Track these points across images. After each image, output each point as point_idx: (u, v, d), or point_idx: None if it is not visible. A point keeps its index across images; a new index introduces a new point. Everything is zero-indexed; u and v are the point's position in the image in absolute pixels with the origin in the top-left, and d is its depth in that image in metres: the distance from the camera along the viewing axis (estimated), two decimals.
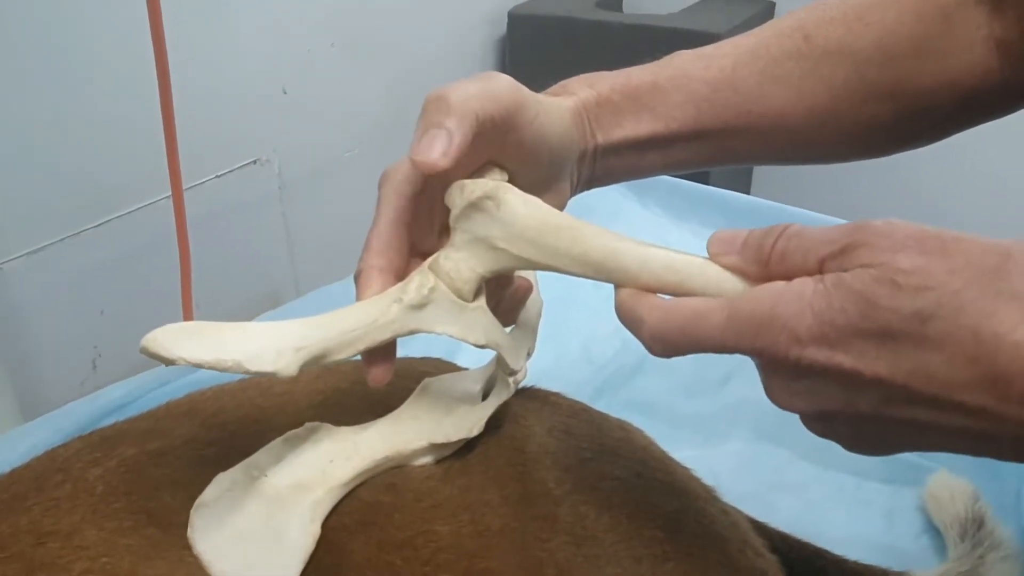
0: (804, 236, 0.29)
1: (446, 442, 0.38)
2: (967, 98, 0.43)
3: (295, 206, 1.23)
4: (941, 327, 0.26)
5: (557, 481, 0.38)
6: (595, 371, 0.69)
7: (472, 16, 1.51)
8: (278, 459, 0.36)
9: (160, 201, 1.02)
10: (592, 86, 0.42)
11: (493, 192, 0.35)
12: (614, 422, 0.44)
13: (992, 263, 0.26)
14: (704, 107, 0.42)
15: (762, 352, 0.29)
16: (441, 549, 0.35)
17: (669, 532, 0.38)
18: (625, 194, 0.96)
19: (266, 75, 1.15)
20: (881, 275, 0.26)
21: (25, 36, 0.86)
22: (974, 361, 0.26)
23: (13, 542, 0.32)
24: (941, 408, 0.27)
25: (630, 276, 0.33)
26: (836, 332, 0.27)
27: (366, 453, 0.37)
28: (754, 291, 0.29)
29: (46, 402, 0.93)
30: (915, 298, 0.26)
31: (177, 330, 0.32)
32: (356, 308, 0.36)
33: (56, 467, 0.36)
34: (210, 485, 0.35)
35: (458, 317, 0.36)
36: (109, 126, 0.96)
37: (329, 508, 0.36)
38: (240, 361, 0.32)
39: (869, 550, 0.52)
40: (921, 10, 0.42)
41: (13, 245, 0.90)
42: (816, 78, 0.42)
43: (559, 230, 0.34)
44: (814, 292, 0.27)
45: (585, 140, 0.42)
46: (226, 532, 0.34)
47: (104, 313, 0.99)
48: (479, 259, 0.36)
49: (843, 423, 0.29)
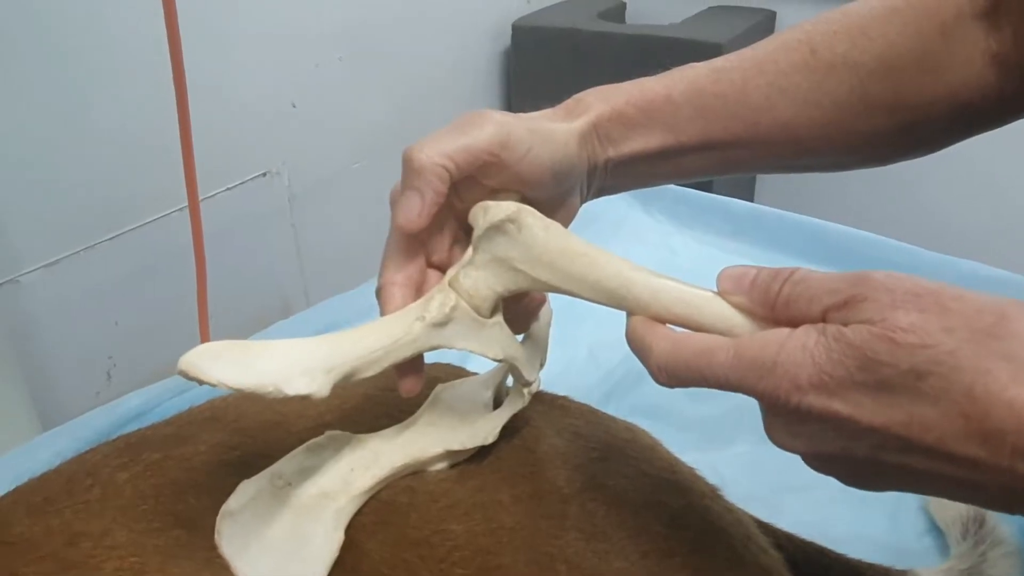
0: (808, 284, 0.30)
1: (461, 449, 0.40)
2: (965, 110, 0.43)
3: (304, 217, 1.25)
4: (936, 384, 0.27)
5: (567, 480, 0.39)
6: (603, 376, 0.70)
7: (477, 29, 1.52)
8: (300, 468, 0.38)
9: (172, 214, 1.04)
10: (607, 100, 0.43)
11: (515, 216, 0.36)
12: (621, 424, 0.45)
13: (987, 323, 0.27)
14: (714, 120, 0.43)
15: (764, 396, 0.30)
16: (456, 547, 0.36)
17: (675, 528, 0.39)
18: (630, 202, 0.97)
19: (275, 89, 1.17)
20: (880, 332, 0.28)
21: (42, 51, 0.88)
22: (967, 417, 0.27)
23: (46, 542, 0.33)
24: (935, 458, 0.28)
25: (642, 306, 0.34)
26: (835, 382, 0.28)
27: (385, 462, 0.39)
28: (760, 336, 0.30)
29: (62, 411, 0.95)
30: (912, 355, 0.27)
31: (211, 353, 0.33)
32: (380, 325, 0.37)
33: (85, 471, 0.37)
34: (235, 493, 0.36)
35: (478, 333, 0.38)
36: (123, 141, 0.97)
37: (351, 515, 0.37)
38: (279, 386, 0.33)
39: (873, 549, 0.53)
40: (921, 25, 0.43)
41: (31, 258, 0.91)
42: (822, 91, 0.43)
43: (576, 256, 0.36)
44: (816, 343, 0.29)
45: (595, 156, 0.43)
46: (253, 540, 0.35)
47: (119, 324, 1.01)
48: (498, 278, 0.37)
49: (840, 464, 0.31)
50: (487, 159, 0.38)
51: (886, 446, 0.28)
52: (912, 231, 1.00)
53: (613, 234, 0.91)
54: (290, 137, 1.20)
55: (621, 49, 1.44)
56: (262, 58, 1.13)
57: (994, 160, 1.46)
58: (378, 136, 1.32)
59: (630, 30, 1.50)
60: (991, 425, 0.26)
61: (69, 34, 0.90)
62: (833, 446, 0.30)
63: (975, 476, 0.28)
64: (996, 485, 0.28)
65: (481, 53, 1.55)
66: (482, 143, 0.37)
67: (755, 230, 0.92)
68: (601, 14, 1.57)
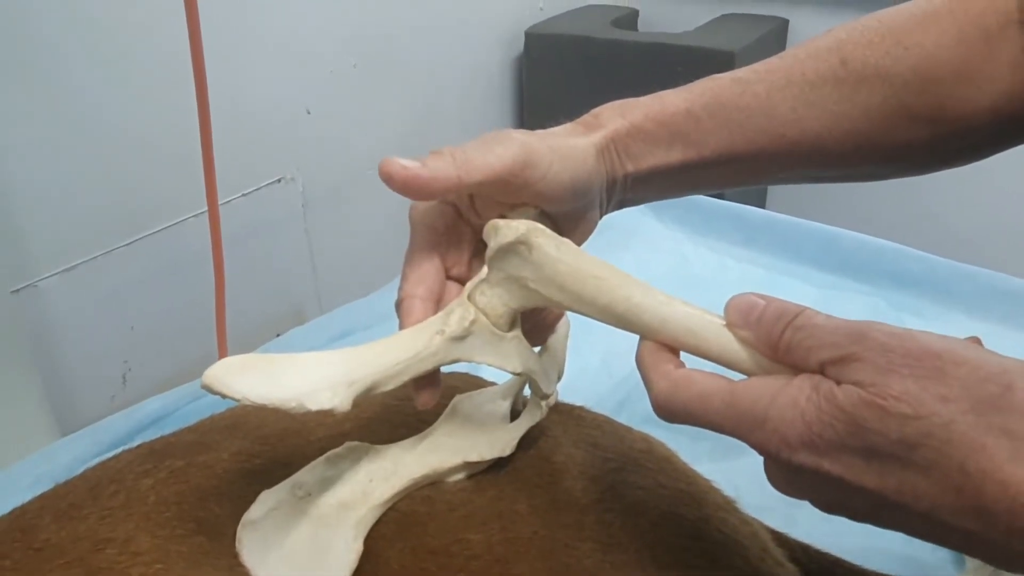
0: (809, 332, 0.30)
1: (480, 460, 0.40)
2: (1008, 121, 0.42)
3: (318, 223, 1.26)
4: (928, 455, 0.26)
5: (584, 490, 0.39)
6: (615, 385, 0.70)
7: (490, 36, 1.53)
8: (320, 478, 0.38)
9: (188, 220, 1.05)
10: (624, 115, 0.42)
11: (526, 237, 0.36)
12: (637, 435, 0.46)
13: (990, 393, 0.26)
14: (737, 133, 0.42)
15: (756, 447, 0.30)
16: (474, 556, 0.36)
17: (692, 540, 0.39)
18: (643, 210, 0.97)
19: (290, 96, 1.18)
20: (870, 398, 0.27)
21: (62, 57, 0.89)
22: (959, 491, 0.26)
23: (72, 548, 0.34)
24: (930, 523, 0.27)
25: (651, 332, 0.34)
26: (824, 443, 0.28)
27: (404, 472, 0.39)
28: (755, 386, 0.30)
29: (77, 415, 0.96)
30: (902, 425, 0.26)
31: (235, 367, 0.33)
32: (401, 338, 0.37)
33: (109, 478, 0.38)
34: (256, 503, 0.37)
35: (497, 347, 0.38)
36: (140, 147, 0.98)
37: (371, 525, 0.38)
38: (302, 401, 0.33)
39: (887, 561, 0.53)
40: (963, 32, 0.41)
41: (48, 264, 0.92)
42: (852, 103, 0.42)
43: (587, 279, 0.35)
44: (807, 401, 0.28)
45: (614, 171, 0.42)
46: (274, 550, 0.36)
47: (134, 329, 1.02)
48: (512, 295, 0.37)
49: (843, 511, 0.30)
50: (509, 178, 0.37)
51: (882, 505, 0.28)
52: (928, 239, 0.99)
53: (626, 242, 0.92)
54: (305, 144, 1.21)
55: (634, 57, 1.44)
56: (278, 65, 1.14)
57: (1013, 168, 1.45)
58: (392, 143, 1.33)
59: (643, 38, 1.51)
60: (984, 503, 0.25)
61: (90, 42, 0.91)
62: (832, 497, 0.29)
63: (972, 543, 0.27)
64: (993, 553, 0.27)
65: (494, 60, 1.56)
66: (506, 162, 0.37)
67: (768, 237, 0.92)
68: (614, 22, 1.57)
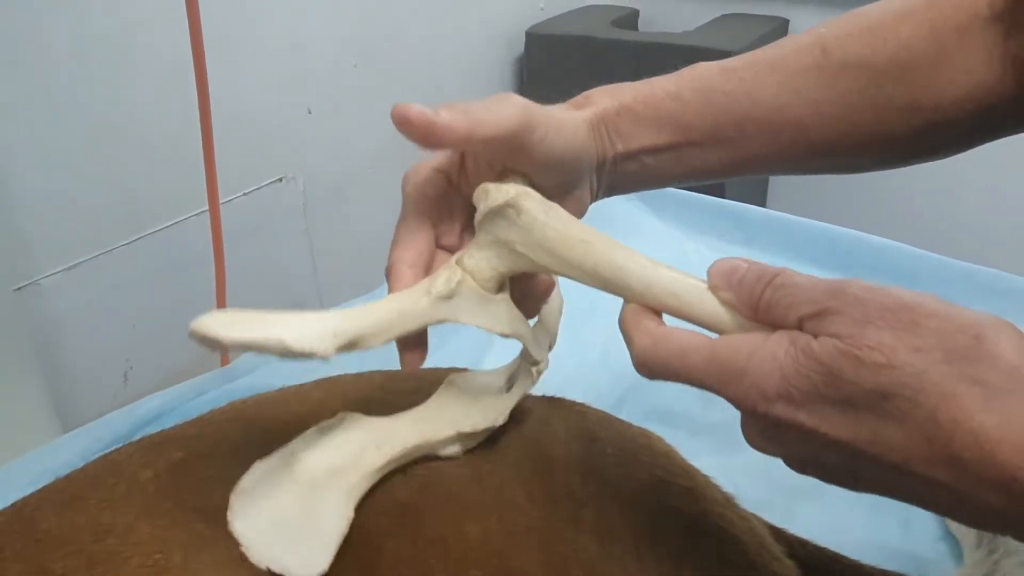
0: (789, 290, 0.30)
1: (473, 431, 0.40)
2: (985, 113, 0.43)
3: (319, 223, 1.26)
4: (900, 405, 0.27)
5: (582, 484, 0.40)
6: (615, 380, 0.71)
7: (491, 36, 1.53)
8: (313, 447, 0.38)
9: (189, 219, 1.05)
10: (614, 96, 0.43)
11: (515, 200, 0.37)
12: (636, 430, 0.46)
13: (962, 344, 0.26)
14: (723, 118, 0.43)
15: (734, 401, 0.30)
16: (472, 547, 0.36)
17: (690, 535, 0.39)
18: (643, 208, 0.97)
19: (291, 95, 1.18)
20: (846, 348, 0.27)
21: (64, 56, 0.89)
22: (931, 441, 0.26)
23: (72, 538, 0.34)
24: (902, 475, 0.28)
25: (635, 295, 0.35)
26: (801, 395, 0.28)
27: (397, 441, 0.39)
28: (734, 341, 0.31)
29: (79, 412, 0.96)
30: (876, 374, 0.27)
31: (223, 316, 0.34)
32: (388, 299, 0.38)
33: (110, 470, 0.38)
34: (248, 472, 0.37)
35: (484, 308, 0.38)
36: (142, 146, 0.99)
37: (363, 493, 0.37)
38: (284, 341, 0.33)
39: (887, 556, 0.53)
40: (936, 25, 0.42)
41: (50, 262, 0.93)
42: (834, 91, 0.43)
43: (574, 242, 0.36)
44: (785, 354, 0.29)
45: (603, 150, 0.43)
46: (264, 516, 0.36)
47: (136, 327, 1.02)
48: (500, 259, 0.38)
49: (815, 469, 0.31)
50: (511, 139, 0.38)
51: (855, 458, 0.28)
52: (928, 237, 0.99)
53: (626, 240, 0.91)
54: (305, 143, 1.21)
55: (634, 57, 1.44)
56: (279, 65, 1.15)
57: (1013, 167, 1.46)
58: (392, 143, 1.32)
59: (643, 37, 1.51)
60: (955, 453, 0.26)
61: (91, 41, 0.91)
62: (805, 452, 0.30)
63: (943, 496, 0.27)
64: (963, 506, 0.27)
65: (495, 60, 1.56)
66: (512, 121, 0.37)
67: (768, 236, 0.92)
68: (614, 22, 1.58)
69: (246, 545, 0.35)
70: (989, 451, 0.26)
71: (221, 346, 0.33)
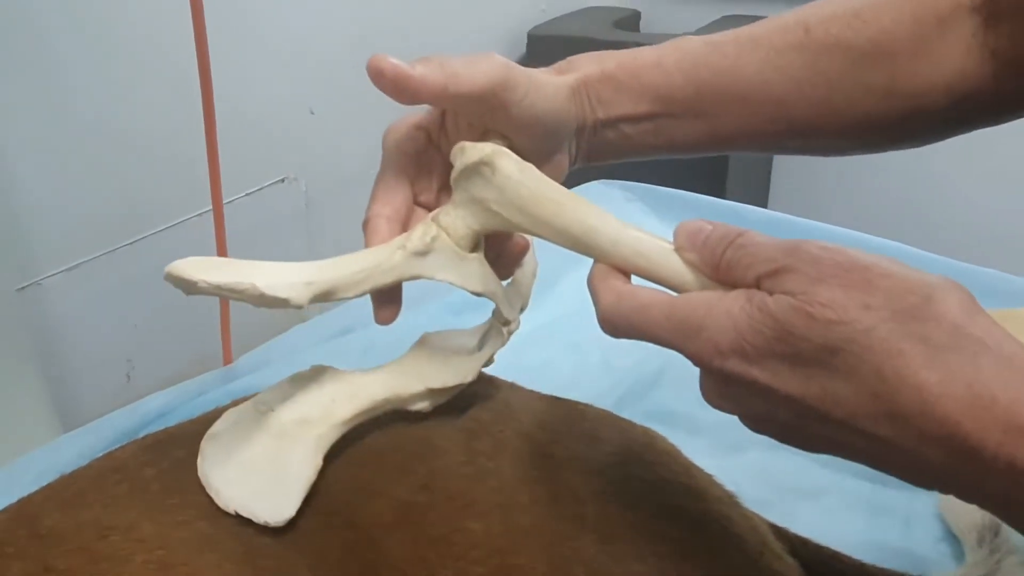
0: (748, 250, 0.31)
1: (443, 387, 0.41)
2: (961, 102, 0.43)
3: (320, 223, 1.26)
4: (848, 360, 0.27)
5: (584, 483, 0.40)
6: (615, 382, 0.71)
7: (492, 37, 1.54)
8: (284, 397, 0.39)
9: (191, 219, 1.05)
10: (598, 63, 0.44)
11: (489, 158, 0.37)
12: (638, 429, 0.46)
13: (910, 303, 0.27)
14: (705, 91, 0.43)
15: (691, 356, 0.31)
16: (474, 545, 0.36)
17: (693, 533, 0.39)
18: (644, 209, 0.97)
19: (294, 96, 1.18)
20: (799, 305, 0.28)
21: (66, 56, 0.89)
22: (876, 396, 0.27)
23: (76, 535, 0.34)
24: (848, 432, 0.28)
25: (603, 254, 0.35)
26: (754, 350, 0.29)
27: (366, 394, 0.39)
28: (693, 298, 0.32)
29: (80, 412, 0.96)
30: (827, 330, 0.27)
31: (200, 261, 0.35)
32: (364, 253, 0.38)
33: (114, 468, 0.38)
34: (220, 419, 0.38)
35: (457, 266, 0.39)
36: (144, 147, 0.99)
37: (331, 443, 0.38)
38: (257, 286, 0.34)
39: (887, 556, 0.53)
40: (917, 12, 0.43)
41: (52, 262, 0.93)
42: (814, 70, 0.43)
43: (545, 202, 0.37)
44: (740, 310, 0.30)
45: (584, 115, 0.43)
46: (233, 462, 0.36)
47: (138, 327, 1.02)
48: (475, 217, 0.38)
49: (769, 426, 0.31)
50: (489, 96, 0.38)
51: (805, 415, 0.29)
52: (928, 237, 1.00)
53: None
54: (308, 144, 1.21)
55: None
56: (281, 66, 1.15)
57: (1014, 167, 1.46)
58: None
59: (645, 39, 1.51)
60: (898, 407, 0.27)
61: (94, 41, 0.91)
62: (759, 409, 0.31)
63: (886, 452, 0.28)
64: (906, 463, 0.28)
65: None
66: (491, 77, 0.38)
67: None
68: (616, 23, 1.58)
69: (215, 489, 0.36)
70: (931, 405, 0.26)
71: (195, 288, 0.34)
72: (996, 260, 0.87)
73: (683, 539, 0.39)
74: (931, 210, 1.58)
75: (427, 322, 0.51)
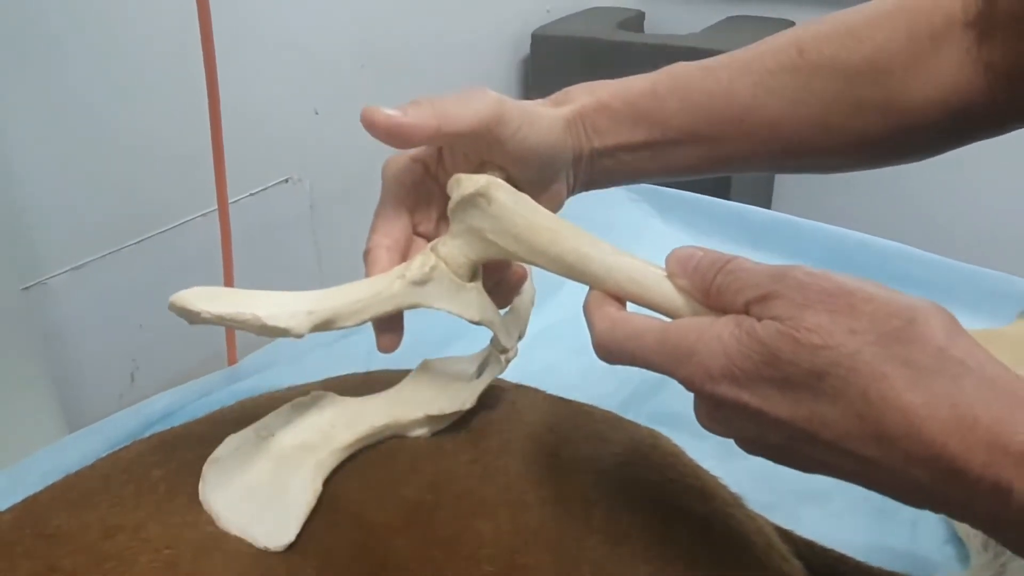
0: (737, 276, 0.32)
1: (441, 414, 0.41)
2: (957, 116, 0.44)
3: (325, 224, 1.26)
4: (835, 384, 0.28)
5: (592, 484, 0.40)
6: (620, 384, 0.71)
7: (496, 38, 1.54)
8: (285, 422, 0.39)
9: (196, 219, 1.05)
10: (592, 93, 0.44)
11: (485, 189, 0.38)
12: (644, 431, 0.46)
13: (894, 327, 0.28)
14: (700, 116, 0.44)
15: (683, 381, 0.32)
16: (482, 545, 0.36)
17: (699, 535, 0.39)
18: (648, 212, 0.97)
19: (298, 97, 1.18)
20: (786, 330, 0.29)
21: (70, 55, 0.89)
22: (862, 418, 0.28)
23: (83, 535, 0.34)
24: (837, 453, 0.29)
25: (598, 281, 0.36)
26: (744, 375, 0.30)
27: (366, 420, 0.40)
28: (684, 324, 0.32)
29: (85, 412, 0.96)
30: (813, 355, 0.28)
31: (203, 291, 0.35)
32: (364, 282, 0.39)
33: (121, 468, 0.38)
34: (222, 444, 0.38)
35: (456, 295, 0.40)
36: (149, 147, 0.99)
37: (331, 468, 0.38)
38: (259, 316, 0.35)
39: (893, 558, 0.53)
40: (912, 29, 0.43)
41: (58, 262, 0.93)
42: (808, 91, 0.44)
43: (540, 230, 0.37)
44: (730, 335, 0.30)
45: (580, 145, 0.44)
46: (234, 486, 0.37)
47: (143, 327, 1.02)
48: (472, 247, 0.39)
49: (761, 448, 0.32)
50: (483, 132, 0.39)
51: (795, 437, 0.29)
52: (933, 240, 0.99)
53: (630, 244, 0.90)
54: (312, 144, 1.21)
55: (640, 59, 1.44)
56: (285, 66, 1.15)
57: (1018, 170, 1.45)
58: None
59: (649, 40, 1.51)
60: (884, 430, 0.27)
61: (99, 41, 0.91)
62: (750, 432, 0.31)
63: (874, 473, 0.29)
64: (894, 484, 0.29)
65: (501, 62, 1.56)
66: (482, 116, 0.38)
67: (773, 239, 0.92)
68: (620, 24, 1.58)
69: (216, 513, 0.36)
70: (916, 428, 0.27)
71: (198, 319, 0.34)
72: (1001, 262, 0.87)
73: (690, 541, 0.39)
74: (934, 211, 1.58)
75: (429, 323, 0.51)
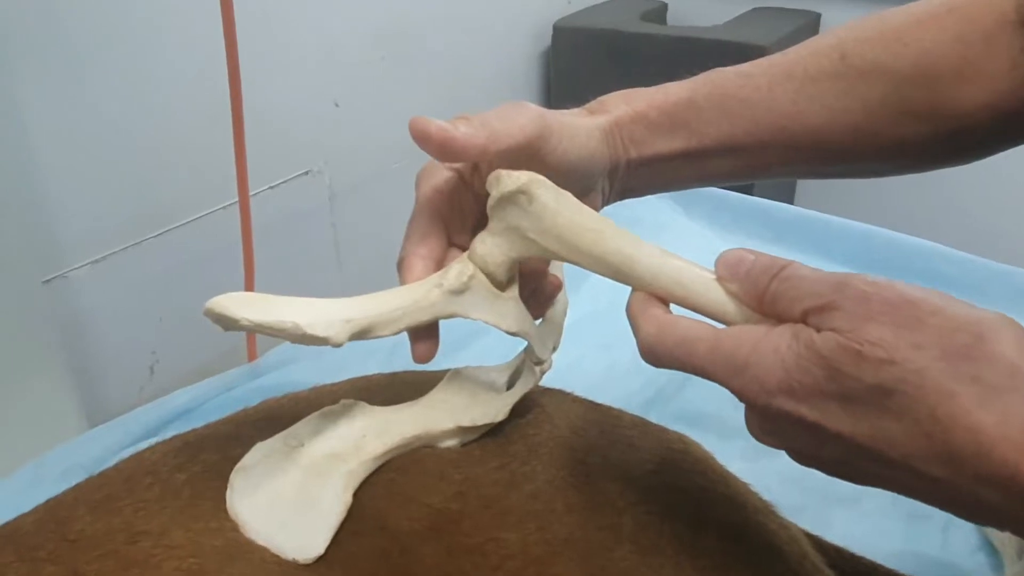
0: (794, 283, 0.30)
1: (472, 426, 0.40)
2: (1007, 120, 0.42)
3: (344, 216, 1.26)
4: (901, 402, 0.27)
5: (620, 492, 0.39)
6: (646, 382, 0.70)
7: (518, 29, 1.52)
8: (315, 432, 0.38)
9: (216, 212, 1.05)
10: (629, 103, 0.43)
11: (526, 187, 0.37)
12: (673, 435, 0.45)
13: (961, 342, 0.27)
14: (738, 124, 0.43)
15: (736, 392, 0.31)
16: (509, 556, 0.36)
17: (731, 544, 0.38)
18: (673, 207, 0.96)
19: (318, 89, 1.18)
20: (847, 343, 0.28)
21: (93, 47, 0.89)
22: (930, 437, 0.27)
23: (108, 540, 0.34)
24: (900, 471, 0.28)
25: (643, 283, 0.35)
26: (803, 389, 0.28)
27: (397, 431, 0.39)
28: (737, 332, 0.31)
29: (105, 405, 0.96)
30: (877, 370, 0.27)
31: (240, 297, 0.35)
32: (401, 291, 0.38)
33: (145, 471, 0.37)
34: (250, 451, 0.37)
35: (493, 305, 0.39)
36: (171, 140, 0.99)
37: (361, 479, 0.38)
38: (299, 325, 0.34)
39: (924, 565, 0.52)
40: (961, 31, 0.42)
41: (78, 254, 0.93)
42: (852, 97, 0.42)
43: (584, 230, 0.36)
44: (787, 348, 0.29)
45: (617, 156, 0.43)
46: (262, 495, 0.36)
47: (162, 320, 1.02)
48: (511, 245, 0.38)
49: (816, 462, 0.31)
50: (527, 149, 0.38)
51: (855, 452, 0.28)
52: (962, 237, 0.98)
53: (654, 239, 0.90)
54: (332, 136, 1.21)
55: (662, 50, 1.43)
56: (306, 58, 1.14)
57: None
58: None
59: (672, 31, 1.49)
60: (953, 449, 0.26)
61: (121, 34, 0.91)
62: (806, 445, 0.30)
63: (940, 492, 0.28)
64: (962, 502, 0.28)
65: (522, 53, 1.55)
66: (528, 133, 0.38)
67: (797, 235, 0.91)
68: (643, 15, 1.56)
69: (243, 522, 0.35)
70: (987, 448, 0.26)
71: (236, 326, 0.34)
72: None
73: (722, 551, 0.38)
74: (963, 207, 1.55)
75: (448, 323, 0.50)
